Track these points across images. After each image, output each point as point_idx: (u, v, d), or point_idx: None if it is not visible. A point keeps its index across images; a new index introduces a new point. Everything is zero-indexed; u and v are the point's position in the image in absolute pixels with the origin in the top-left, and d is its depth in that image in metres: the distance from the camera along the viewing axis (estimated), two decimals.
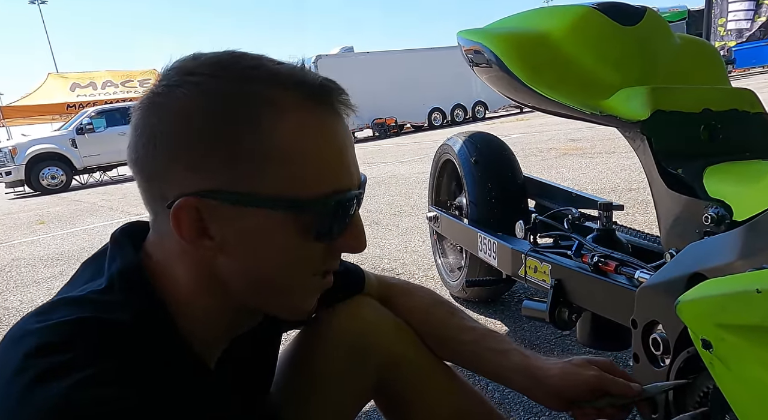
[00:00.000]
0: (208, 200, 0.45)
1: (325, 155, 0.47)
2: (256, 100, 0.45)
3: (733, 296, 0.47)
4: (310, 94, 0.47)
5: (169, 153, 0.45)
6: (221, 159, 0.44)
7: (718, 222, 0.66)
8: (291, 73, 0.47)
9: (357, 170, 0.51)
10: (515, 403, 1.30)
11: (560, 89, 1.03)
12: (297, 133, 0.46)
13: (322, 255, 0.50)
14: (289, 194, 0.45)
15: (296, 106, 0.46)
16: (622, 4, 1.10)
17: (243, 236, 0.46)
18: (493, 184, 1.69)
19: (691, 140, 0.85)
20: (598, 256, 1.00)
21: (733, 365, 0.48)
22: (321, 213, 0.47)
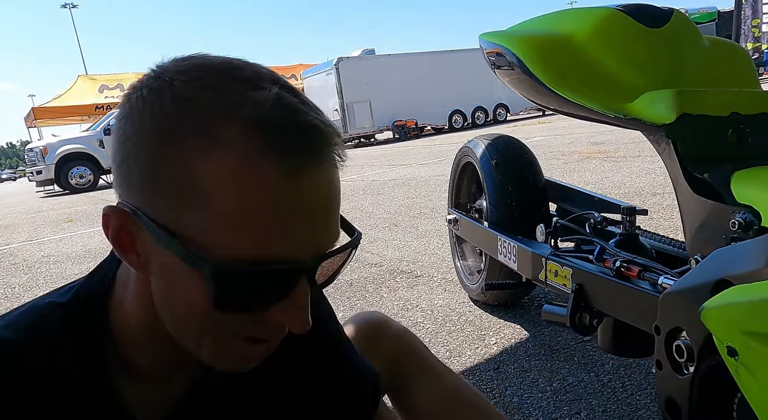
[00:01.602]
0: (132, 216, 0.40)
1: (261, 214, 0.37)
2: (196, 128, 0.38)
3: (760, 303, 0.46)
4: (265, 133, 0.37)
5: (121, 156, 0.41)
6: (146, 185, 0.40)
7: (745, 228, 0.65)
8: (256, 100, 0.38)
9: (313, 237, 0.40)
10: (534, 408, 1.29)
11: (584, 92, 1.02)
12: (226, 178, 0.37)
13: (245, 323, 0.42)
14: (200, 246, 0.38)
15: (239, 143, 0.37)
16: (648, 6, 1.08)
17: (158, 268, 0.42)
18: (513, 187, 1.68)
19: (718, 144, 0.84)
20: (621, 261, 0.99)
21: (759, 373, 0.47)
22: (230, 281, 0.39)
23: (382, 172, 7.20)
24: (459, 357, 1.61)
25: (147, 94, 0.40)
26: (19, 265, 3.78)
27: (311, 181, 0.39)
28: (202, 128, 0.38)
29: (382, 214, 4.12)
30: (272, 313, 0.41)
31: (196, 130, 0.38)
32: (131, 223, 0.41)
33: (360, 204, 4.74)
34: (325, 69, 15.95)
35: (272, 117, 0.38)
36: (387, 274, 2.53)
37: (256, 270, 0.38)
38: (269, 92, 0.39)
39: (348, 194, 5.49)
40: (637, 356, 1.31)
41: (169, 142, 0.38)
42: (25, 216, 7.44)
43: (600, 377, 1.38)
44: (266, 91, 0.39)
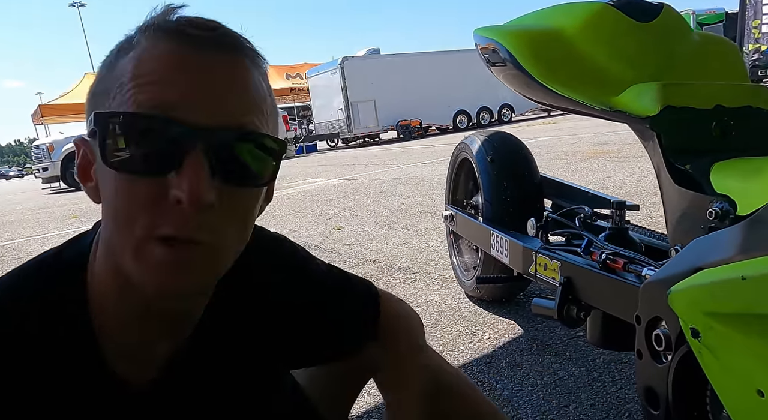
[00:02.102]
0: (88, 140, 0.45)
1: (146, 74, 0.41)
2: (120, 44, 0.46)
3: (720, 284, 0.46)
4: (167, 30, 0.43)
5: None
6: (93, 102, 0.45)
7: (722, 217, 0.66)
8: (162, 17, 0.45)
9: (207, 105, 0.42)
10: (523, 402, 1.30)
11: (573, 86, 1.03)
12: (134, 58, 0.43)
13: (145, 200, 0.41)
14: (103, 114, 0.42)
15: (146, 40, 0.43)
16: (638, 1, 1.08)
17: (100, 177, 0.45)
18: (508, 183, 1.69)
19: (701, 136, 0.84)
20: (607, 254, 1.00)
21: (721, 354, 0.48)
22: (114, 134, 0.41)
23: (384, 171, 7.20)
24: (452, 351, 1.62)
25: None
26: (22, 260, 3.82)
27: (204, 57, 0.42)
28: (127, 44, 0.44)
29: (382, 211, 4.13)
30: (167, 180, 0.41)
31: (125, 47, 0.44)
32: (88, 147, 0.45)
33: (361, 202, 4.75)
34: (330, 68, 15.96)
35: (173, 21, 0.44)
36: (385, 271, 2.54)
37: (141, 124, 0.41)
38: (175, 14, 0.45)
39: (350, 192, 5.50)
40: (625, 349, 1.31)
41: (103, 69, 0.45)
42: (31, 212, 7.50)
43: (591, 371, 1.39)
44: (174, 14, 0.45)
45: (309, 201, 5.15)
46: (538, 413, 1.25)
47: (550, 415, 1.24)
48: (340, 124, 15.96)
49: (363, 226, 3.67)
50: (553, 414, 1.23)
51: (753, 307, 0.44)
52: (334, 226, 3.81)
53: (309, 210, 4.60)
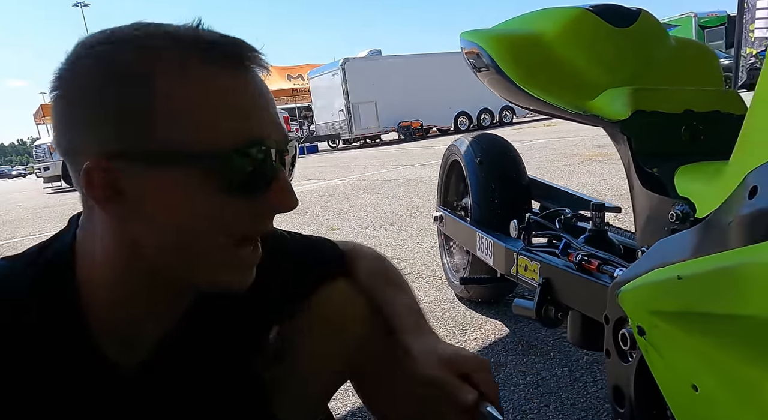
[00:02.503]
0: (115, 161, 0.45)
1: (218, 109, 0.46)
2: (150, 61, 0.45)
3: (660, 284, 0.48)
4: (208, 51, 0.46)
5: (76, 122, 0.47)
6: (122, 120, 0.45)
7: (683, 219, 0.67)
8: (188, 32, 0.47)
9: (276, 128, 0.49)
10: (505, 401, 1.32)
11: (550, 90, 1.05)
12: (193, 90, 0.45)
13: (245, 214, 0.48)
14: (193, 148, 0.45)
15: (192, 63, 0.46)
16: (616, 6, 1.10)
17: (154, 194, 0.46)
18: (496, 184, 1.71)
19: (670, 140, 0.86)
20: (582, 255, 1.02)
21: (662, 351, 0.49)
22: (227, 166, 0.46)
23: (384, 172, 7.22)
24: None
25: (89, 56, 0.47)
26: None
27: (250, 79, 0.48)
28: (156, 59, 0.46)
29: (379, 212, 4.15)
30: (267, 197, 0.49)
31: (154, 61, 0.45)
32: (113, 170, 0.46)
33: (359, 203, 4.77)
34: (332, 69, 15.99)
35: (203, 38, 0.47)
36: None
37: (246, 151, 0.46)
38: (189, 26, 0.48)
39: (348, 193, 5.52)
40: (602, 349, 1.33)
41: (126, 83, 0.45)
42: (31, 211, 7.54)
43: (573, 372, 1.40)
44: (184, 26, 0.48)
45: (307, 202, 5.17)
46: (519, 412, 1.26)
47: (531, 414, 1.25)
48: (341, 125, 15.99)
49: (359, 227, 3.68)
50: (534, 413, 1.25)
51: (687, 305, 0.46)
52: (331, 227, 3.83)
53: (306, 211, 4.62)
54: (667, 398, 0.50)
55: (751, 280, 0.40)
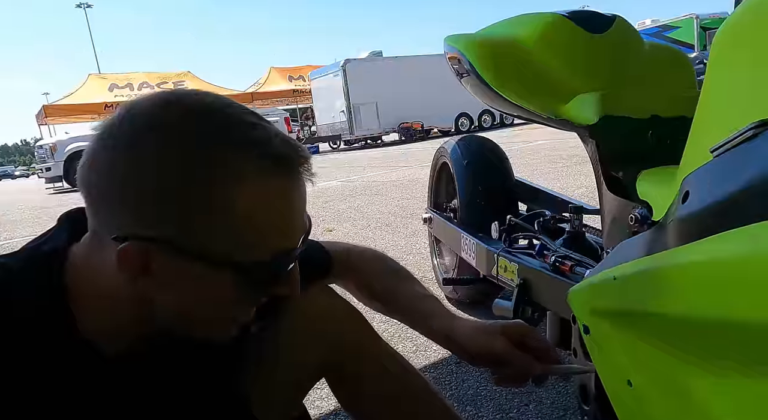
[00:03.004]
0: (156, 246, 0.47)
1: (275, 223, 0.49)
2: (215, 163, 0.47)
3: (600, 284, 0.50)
4: (271, 163, 0.48)
5: (124, 194, 0.47)
6: (173, 213, 0.47)
7: (641, 222, 0.69)
8: (257, 139, 0.49)
9: (302, 225, 0.53)
10: (486, 400, 1.34)
11: (526, 95, 1.07)
12: (251, 200, 0.47)
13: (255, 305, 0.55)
14: (233, 256, 0.48)
15: (255, 174, 0.48)
16: (592, 12, 1.12)
17: (182, 284, 0.50)
18: (483, 186, 1.73)
19: (637, 145, 0.88)
20: (557, 257, 1.04)
21: (604, 349, 0.52)
22: (260, 275, 0.50)
23: (383, 173, 7.25)
24: (424, 352, 1.65)
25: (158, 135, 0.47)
26: None
27: (299, 191, 0.51)
28: (222, 163, 0.47)
29: (375, 214, 4.17)
30: (275, 289, 0.54)
31: (219, 165, 0.47)
32: (154, 253, 0.47)
33: (356, 204, 4.79)
34: (333, 70, 16.03)
35: (269, 149, 0.49)
36: None
37: (278, 263, 0.51)
38: (266, 131, 0.50)
39: (347, 194, 5.54)
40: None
41: (198, 184, 0.47)
42: (32, 211, 7.58)
43: None
44: (263, 130, 0.50)
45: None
46: (500, 411, 1.28)
47: (511, 413, 1.27)
48: (342, 126, 16.02)
49: (355, 228, 3.71)
50: (514, 412, 1.27)
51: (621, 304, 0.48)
52: (327, 227, 3.85)
53: None
54: (609, 394, 0.52)
55: (672, 280, 0.42)
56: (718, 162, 0.43)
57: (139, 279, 0.49)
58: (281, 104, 19.75)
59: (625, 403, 0.49)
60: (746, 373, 0.38)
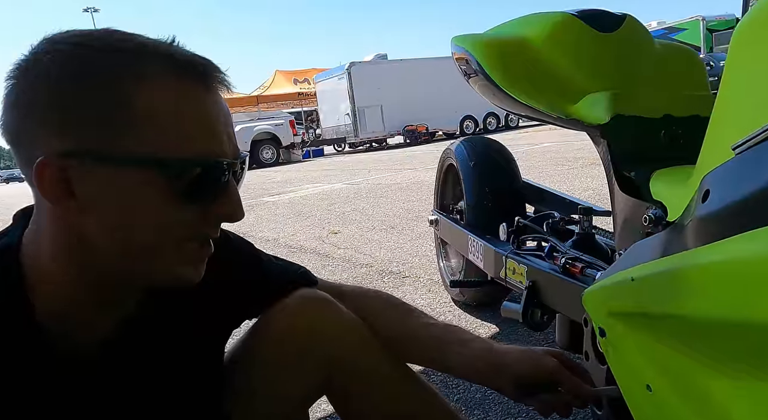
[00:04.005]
0: (71, 160, 0.46)
1: (191, 121, 0.49)
2: (120, 68, 0.47)
3: (617, 286, 0.49)
4: (176, 66, 0.49)
5: (33, 116, 0.47)
6: (83, 121, 0.46)
7: (655, 223, 0.68)
8: (158, 46, 0.50)
9: (232, 145, 0.53)
10: (494, 404, 1.32)
11: (534, 94, 1.06)
12: (161, 100, 0.47)
13: (195, 220, 0.51)
14: (152, 154, 0.47)
15: (161, 75, 0.48)
16: (601, 12, 1.11)
17: (109, 196, 0.48)
18: (490, 188, 1.72)
19: (649, 145, 0.86)
20: (567, 259, 1.02)
21: (621, 352, 0.50)
22: (187, 174, 0.49)
23: (388, 176, 7.24)
24: None
25: (55, 54, 0.47)
26: None
27: (212, 97, 0.51)
28: (126, 67, 0.47)
29: (380, 216, 4.16)
30: (216, 207, 0.52)
31: (124, 69, 0.47)
32: (67, 169, 0.46)
33: (361, 206, 4.79)
34: (338, 73, 16.06)
35: (173, 53, 0.49)
36: (375, 275, 2.57)
37: (204, 163, 0.49)
38: (166, 41, 0.51)
39: (351, 197, 5.54)
40: None
41: (98, 86, 0.46)
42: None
43: None
44: (159, 40, 0.51)
45: (310, 205, 5.20)
46: (508, 415, 1.27)
47: (519, 417, 1.25)
48: (347, 128, 16.03)
49: (360, 231, 3.70)
50: (522, 416, 1.25)
51: (640, 306, 0.47)
52: (332, 230, 3.84)
53: (309, 214, 4.65)
54: (627, 399, 0.51)
55: (693, 281, 0.41)
56: (740, 160, 0.42)
57: (65, 204, 0.47)
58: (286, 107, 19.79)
59: (643, 407, 0.48)
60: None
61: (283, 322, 0.72)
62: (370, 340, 0.75)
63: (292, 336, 0.71)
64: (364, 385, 0.74)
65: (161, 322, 0.61)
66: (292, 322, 0.72)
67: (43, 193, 0.47)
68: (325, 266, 2.82)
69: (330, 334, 0.72)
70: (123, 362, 0.57)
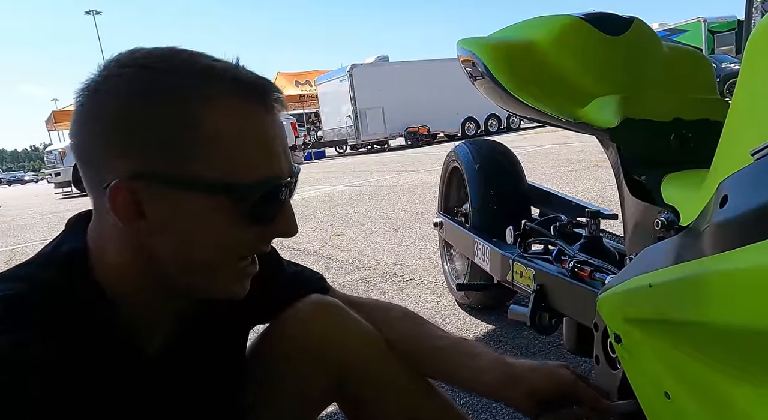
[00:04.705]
0: (142, 183, 0.48)
1: (254, 144, 0.50)
2: (187, 91, 0.48)
3: (634, 292, 0.49)
4: (241, 87, 0.50)
5: (105, 138, 0.48)
6: (153, 145, 0.47)
7: (668, 227, 0.67)
8: (225, 68, 0.50)
9: (288, 162, 0.54)
10: (501, 407, 1.31)
11: (542, 98, 1.06)
12: (227, 122, 0.48)
13: (254, 239, 0.53)
14: (220, 179, 0.48)
15: (227, 97, 0.49)
16: (609, 14, 1.11)
17: (176, 218, 0.49)
18: (495, 190, 1.71)
19: (659, 148, 0.86)
20: (575, 262, 1.02)
21: (638, 358, 0.50)
22: (252, 197, 0.50)
23: (390, 178, 7.24)
24: None
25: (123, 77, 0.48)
26: None
27: (272, 118, 0.52)
28: (193, 90, 0.48)
29: (383, 218, 4.16)
30: (274, 225, 0.54)
31: (191, 93, 0.48)
32: (139, 192, 0.48)
33: (363, 208, 4.78)
34: (339, 75, 16.08)
35: (237, 75, 0.50)
36: (379, 277, 2.56)
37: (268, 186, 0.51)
38: (228, 62, 0.52)
39: (354, 199, 5.54)
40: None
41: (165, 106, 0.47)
42: (41, 216, 7.63)
43: None
44: (225, 61, 0.52)
45: (312, 207, 5.20)
46: (514, 419, 1.26)
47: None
48: (349, 130, 16.05)
49: (363, 233, 3.70)
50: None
51: (658, 313, 0.46)
52: (335, 232, 3.84)
53: (312, 216, 4.64)
54: (643, 406, 0.51)
55: (715, 288, 0.40)
56: (760, 165, 0.42)
57: (136, 225, 0.49)
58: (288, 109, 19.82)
59: (661, 415, 0.48)
60: None
61: (296, 326, 0.73)
62: (384, 349, 0.75)
63: (304, 340, 0.72)
64: (376, 393, 0.74)
65: (207, 321, 0.64)
66: (304, 327, 0.73)
67: (116, 215, 0.49)
68: (328, 269, 2.82)
69: (340, 339, 0.73)
70: (180, 359, 0.60)
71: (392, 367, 0.75)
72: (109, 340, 0.52)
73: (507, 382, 0.69)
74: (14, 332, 0.45)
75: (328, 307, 0.75)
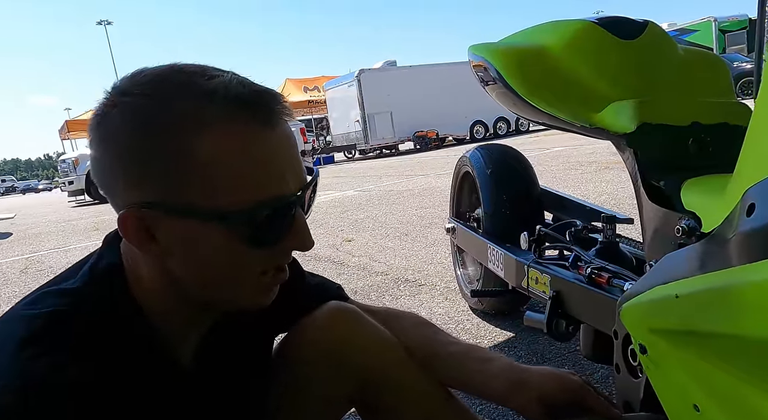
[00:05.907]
0: (147, 211, 0.49)
1: (253, 166, 0.48)
2: (182, 120, 0.47)
3: (659, 302, 0.48)
4: (240, 107, 0.48)
5: (111, 170, 0.50)
6: (152, 175, 0.48)
7: (689, 234, 0.66)
8: (224, 86, 0.49)
9: (297, 174, 0.52)
10: (515, 415, 1.30)
11: (556, 103, 1.05)
12: (222, 147, 0.47)
13: (267, 255, 0.53)
14: (214, 207, 0.48)
15: (224, 121, 0.48)
16: (623, 19, 1.10)
17: (184, 243, 0.50)
18: (507, 195, 1.70)
19: (677, 153, 0.85)
20: (592, 268, 1.01)
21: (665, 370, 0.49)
22: (250, 223, 0.49)
23: (399, 182, 7.24)
24: None
25: (121, 107, 0.49)
26: (44, 272, 3.94)
27: (280, 131, 0.50)
28: (185, 116, 0.47)
29: (394, 223, 4.15)
30: (286, 241, 0.53)
31: (183, 118, 0.47)
32: (146, 219, 0.49)
33: (373, 213, 4.78)
34: (347, 80, 16.14)
35: (231, 93, 0.48)
36: (391, 283, 2.56)
37: (267, 209, 0.49)
38: (223, 77, 0.50)
39: (363, 203, 5.54)
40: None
41: (159, 137, 0.47)
42: (56, 225, 7.72)
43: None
44: (220, 77, 0.50)
45: (323, 213, 5.21)
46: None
47: None
48: (357, 135, 16.09)
49: (374, 238, 3.70)
50: None
51: (685, 324, 0.45)
52: (345, 237, 3.84)
53: (322, 222, 4.65)
54: (671, 418, 0.50)
55: (744, 299, 0.39)
56: None
57: (148, 247, 0.50)
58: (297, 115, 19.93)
59: None
60: None
61: (317, 332, 0.73)
62: (404, 355, 0.75)
63: (325, 344, 0.72)
64: (396, 399, 0.74)
65: (234, 332, 0.65)
66: (324, 332, 0.73)
67: (129, 241, 0.50)
68: (340, 275, 2.82)
69: (361, 344, 0.73)
70: (210, 370, 0.61)
71: (412, 373, 0.75)
72: (147, 354, 0.53)
73: (515, 387, 0.69)
74: (52, 354, 0.46)
75: (348, 313, 0.75)
